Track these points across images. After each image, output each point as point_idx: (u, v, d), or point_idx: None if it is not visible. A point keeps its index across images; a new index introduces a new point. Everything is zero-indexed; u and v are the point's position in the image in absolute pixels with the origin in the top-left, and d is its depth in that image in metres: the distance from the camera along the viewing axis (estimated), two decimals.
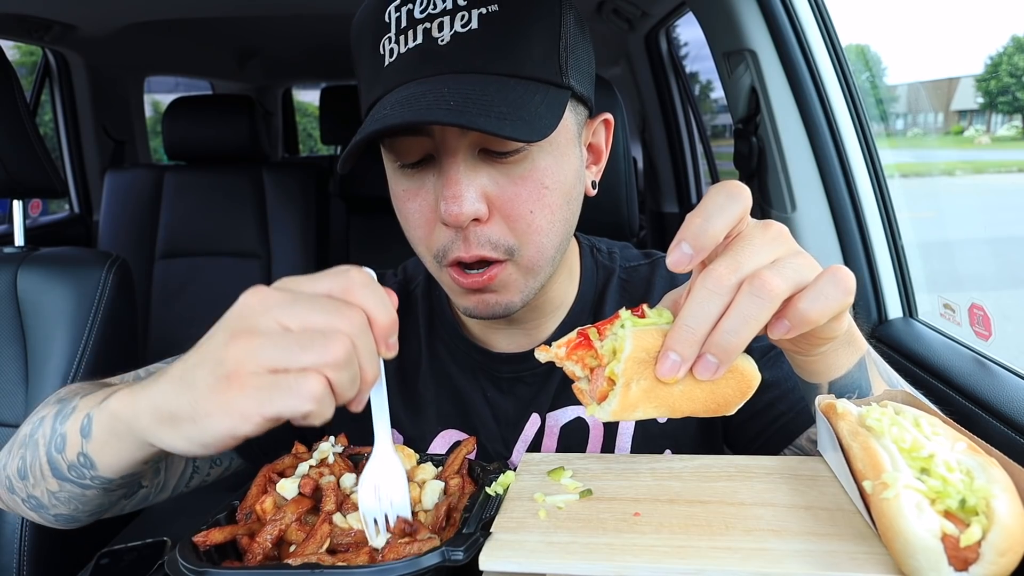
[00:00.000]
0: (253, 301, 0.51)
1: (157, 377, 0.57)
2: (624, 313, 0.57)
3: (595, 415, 0.55)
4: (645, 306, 0.58)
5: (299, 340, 0.49)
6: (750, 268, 0.51)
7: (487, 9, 0.69)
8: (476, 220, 0.73)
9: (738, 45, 1.55)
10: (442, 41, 0.69)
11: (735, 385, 0.55)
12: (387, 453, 0.60)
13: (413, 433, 0.90)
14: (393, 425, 0.89)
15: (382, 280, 0.99)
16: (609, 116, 0.88)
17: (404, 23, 0.71)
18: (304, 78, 5.36)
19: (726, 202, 0.53)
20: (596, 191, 0.87)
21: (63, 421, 0.69)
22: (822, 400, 0.62)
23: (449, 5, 0.70)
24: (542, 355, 0.58)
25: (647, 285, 0.93)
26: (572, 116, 0.79)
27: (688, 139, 2.92)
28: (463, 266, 0.76)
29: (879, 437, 0.52)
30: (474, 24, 0.69)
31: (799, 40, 1.48)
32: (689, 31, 2.85)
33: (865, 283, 1.46)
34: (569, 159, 0.78)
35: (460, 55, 0.69)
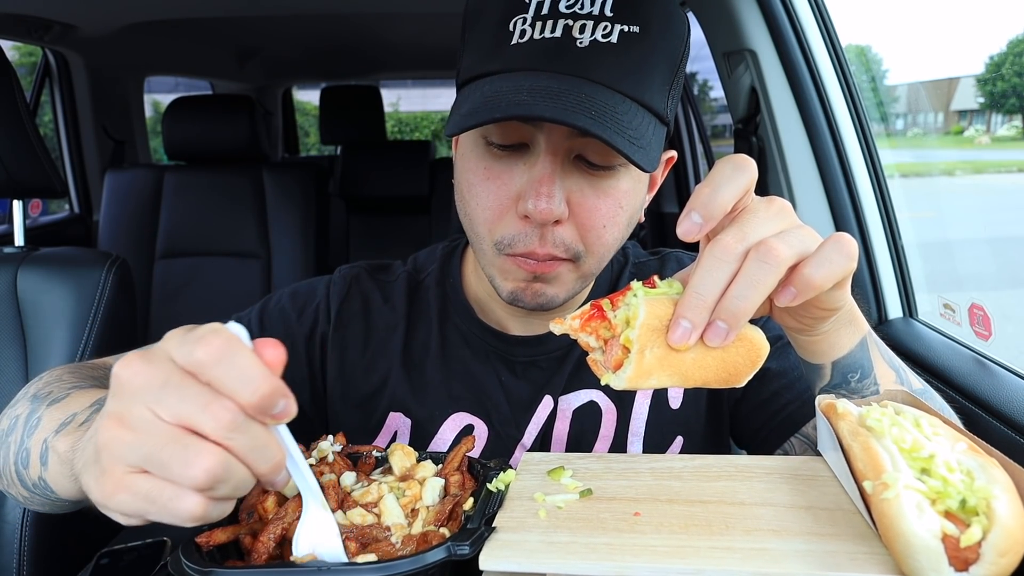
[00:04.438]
0: (124, 378, 0.45)
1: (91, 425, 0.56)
2: (636, 284, 0.58)
3: (610, 383, 0.56)
4: (656, 277, 0.59)
5: (166, 449, 0.43)
6: (756, 237, 0.53)
7: (629, 28, 0.70)
8: (556, 222, 0.74)
9: (738, 45, 1.56)
10: (581, 43, 0.70)
11: (744, 354, 0.56)
12: (317, 516, 0.56)
13: (421, 415, 0.90)
14: (400, 409, 0.91)
15: (390, 272, 1.00)
16: (674, 154, 0.89)
17: (546, 11, 0.71)
18: (304, 78, 5.35)
19: (733, 173, 0.55)
20: (644, 219, 0.90)
21: (29, 434, 0.68)
22: (822, 400, 0.62)
23: (596, 11, 0.70)
24: (556, 327, 0.59)
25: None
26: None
27: (688, 139, 2.92)
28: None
29: (879, 437, 0.53)
30: (614, 38, 0.70)
31: (799, 40, 1.48)
32: None
33: (865, 283, 1.46)
34: (642, 187, 0.81)
35: (595, 63, 0.70)
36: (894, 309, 1.46)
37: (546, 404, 0.90)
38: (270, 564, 0.56)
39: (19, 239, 1.55)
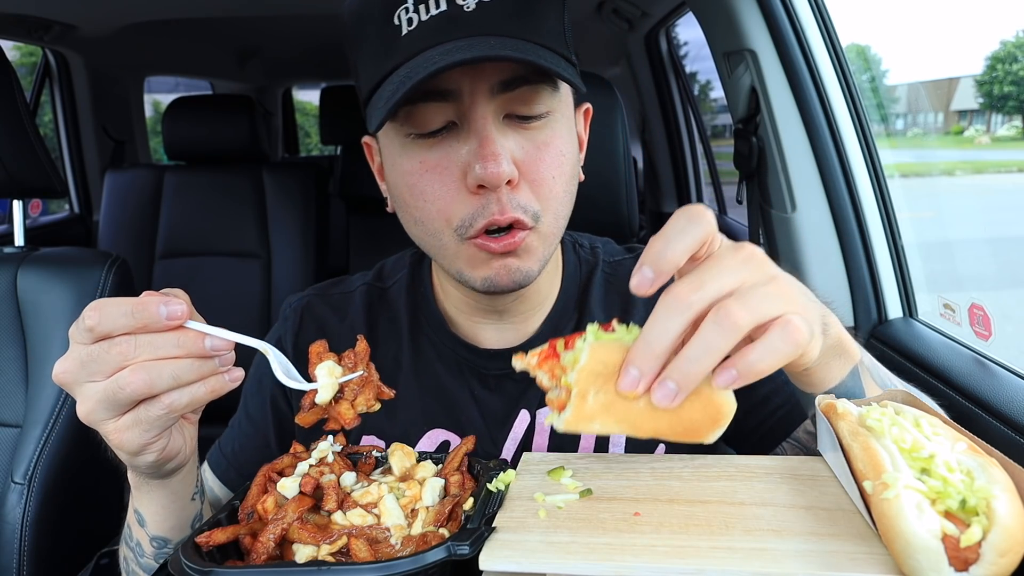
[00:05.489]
0: (62, 381, 0.61)
1: None
2: (591, 327, 0.57)
3: (553, 424, 0.56)
4: (615, 321, 0.58)
5: (108, 395, 0.59)
6: (713, 289, 0.52)
7: None
8: (508, 183, 0.74)
9: (738, 45, 1.55)
10: (467, 8, 0.71)
11: (701, 410, 0.54)
12: (272, 358, 0.65)
13: (394, 433, 0.87)
14: (372, 430, 0.89)
15: (346, 284, 0.99)
16: (589, 107, 0.89)
17: None
18: (304, 78, 5.36)
19: (687, 225, 0.53)
20: (585, 178, 0.87)
21: (135, 552, 0.79)
22: (822, 400, 0.62)
23: None
24: (518, 363, 0.59)
25: None
26: (572, 97, 0.82)
27: (688, 139, 2.92)
28: (489, 232, 0.76)
29: (879, 437, 0.53)
30: None
31: (799, 40, 1.48)
32: (689, 31, 2.85)
33: (865, 283, 1.46)
34: (574, 135, 0.81)
35: (487, 20, 0.71)
36: (894, 309, 1.46)
37: (523, 419, 0.88)
38: (270, 564, 0.56)
39: (19, 239, 1.55)
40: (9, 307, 1.34)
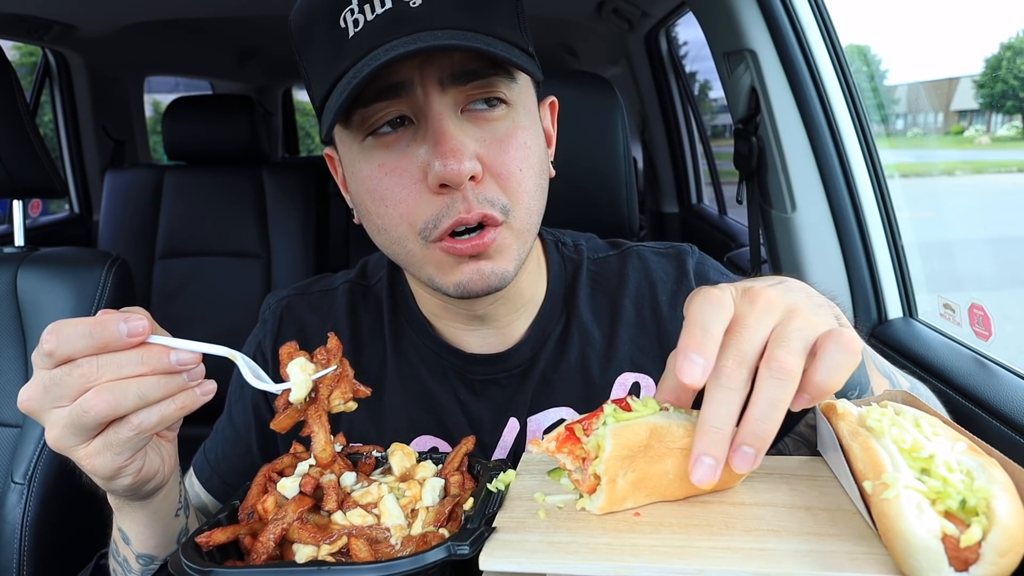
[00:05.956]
0: (27, 409, 0.59)
1: None
2: (608, 408, 0.57)
3: (586, 508, 0.56)
4: (630, 398, 0.58)
5: (73, 419, 0.57)
6: (754, 353, 0.52)
7: None
8: (472, 179, 0.71)
9: (738, 45, 1.55)
10: (414, 4, 0.68)
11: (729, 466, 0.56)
12: (243, 364, 0.64)
13: (381, 442, 0.82)
14: (358, 438, 0.87)
15: (328, 281, 0.97)
16: (554, 99, 0.87)
17: None
18: None
19: (714, 311, 0.53)
20: (555, 174, 0.86)
21: (124, 567, 0.80)
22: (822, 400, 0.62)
23: None
24: (535, 448, 0.58)
25: (619, 278, 0.91)
26: (534, 89, 0.80)
27: (688, 139, 2.92)
28: (457, 234, 0.73)
29: (879, 437, 0.53)
30: None
31: (799, 40, 1.48)
32: (689, 31, 2.86)
33: (865, 283, 1.46)
34: (538, 128, 0.79)
35: (434, 14, 0.68)
36: (894, 309, 1.46)
37: (512, 427, 0.86)
38: (270, 564, 0.56)
39: (19, 239, 1.55)
40: (9, 307, 1.34)
